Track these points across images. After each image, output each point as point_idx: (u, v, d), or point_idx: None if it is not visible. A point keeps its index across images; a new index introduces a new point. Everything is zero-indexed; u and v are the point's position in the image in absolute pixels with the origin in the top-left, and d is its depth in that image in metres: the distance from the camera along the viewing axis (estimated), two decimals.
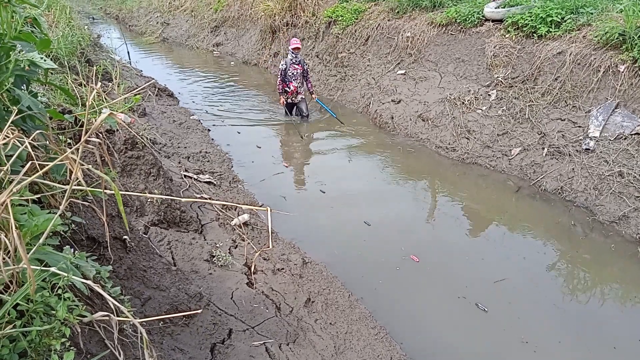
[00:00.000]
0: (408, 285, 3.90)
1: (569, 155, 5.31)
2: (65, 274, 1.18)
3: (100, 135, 2.93)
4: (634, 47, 5.06)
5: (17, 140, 1.31)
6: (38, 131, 1.29)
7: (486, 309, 3.59)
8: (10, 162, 1.19)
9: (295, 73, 7.67)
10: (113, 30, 18.65)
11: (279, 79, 7.71)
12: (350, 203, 5.31)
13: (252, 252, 3.84)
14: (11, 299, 1.11)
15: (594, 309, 3.66)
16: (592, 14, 5.83)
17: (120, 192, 1.67)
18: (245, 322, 2.89)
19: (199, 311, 2.32)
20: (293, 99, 7.88)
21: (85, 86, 4.32)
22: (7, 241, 1.07)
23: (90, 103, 1.20)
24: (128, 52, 11.82)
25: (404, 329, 3.41)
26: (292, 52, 7.62)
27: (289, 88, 7.75)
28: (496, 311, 3.58)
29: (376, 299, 3.71)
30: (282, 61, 7.76)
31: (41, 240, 1.17)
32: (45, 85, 2.21)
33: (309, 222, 4.81)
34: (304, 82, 7.87)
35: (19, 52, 1.27)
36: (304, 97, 7.97)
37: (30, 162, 1.12)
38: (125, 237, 2.39)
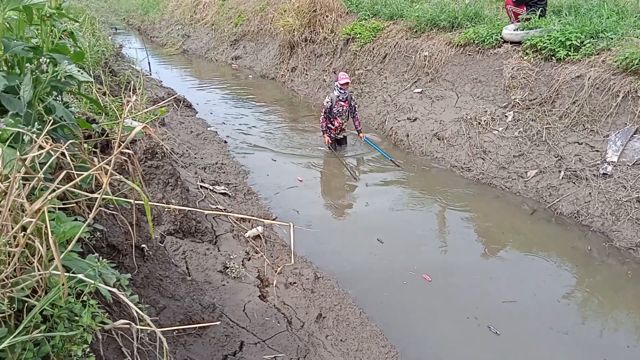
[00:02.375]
0: (419, 304, 3.87)
1: (586, 179, 5.26)
2: (92, 282, 1.21)
3: (126, 144, 3.00)
4: None
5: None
6: (70, 141, 1.34)
7: (498, 332, 3.54)
8: (44, 170, 1.23)
9: (341, 110, 7.05)
10: (135, 40, 19.04)
11: (323, 116, 7.06)
12: (363, 219, 5.31)
13: (265, 265, 3.86)
14: (39, 304, 1.14)
15: (609, 337, 3.59)
16: (612, 38, 5.82)
17: (140, 202, 1.71)
18: (257, 335, 2.90)
19: (216, 323, 2.34)
20: (337, 135, 7.29)
21: (108, 95, 4.42)
22: (40, 247, 1.11)
23: (125, 116, 1.24)
24: (149, 63, 12.05)
25: (415, 349, 3.38)
26: (340, 88, 6.93)
27: (333, 125, 7.16)
28: (509, 335, 3.53)
29: (387, 318, 3.69)
30: (327, 97, 7.11)
31: (70, 247, 1.20)
32: (75, 95, 2.28)
33: (321, 236, 4.81)
34: (352, 119, 7.25)
35: (60, 65, 1.33)
36: (347, 134, 7.45)
37: (64, 171, 1.16)
38: (143, 245, 2.43)
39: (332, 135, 7.23)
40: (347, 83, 6.97)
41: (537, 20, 6.61)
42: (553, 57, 6.20)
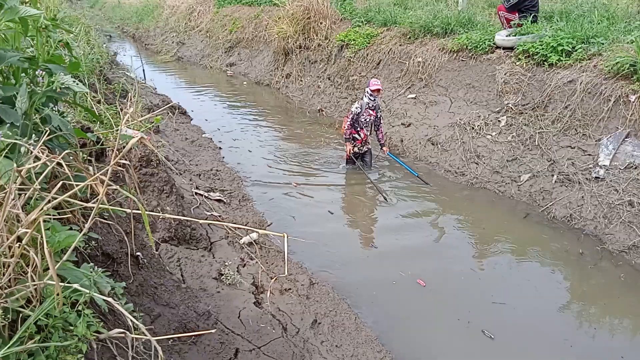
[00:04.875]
0: (414, 309, 3.88)
1: (579, 183, 5.31)
2: (87, 291, 1.22)
3: (123, 154, 3.01)
4: None
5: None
6: (67, 151, 1.35)
7: (492, 337, 3.56)
8: (40, 180, 1.24)
9: (368, 120, 6.58)
10: (129, 48, 19.05)
11: (348, 122, 6.53)
12: (358, 225, 5.33)
13: (260, 272, 3.86)
14: (34, 314, 1.15)
15: (602, 340, 3.61)
16: (602, 44, 5.89)
17: (136, 211, 1.72)
18: (252, 342, 2.90)
19: (212, 331, 2.34)
20: (360, 148, 6.78)
21: (103, 104, 4.43)
22: (35, 257, 1.12)
23: (121, 127, 1.26)
24: (144, 70, 12.06)
25: (409, 354, 3.39)
26: (371, 95, 6.41)
27: (359, 136, 6.65)
28: (503, 339, 3.55)
29: (381, 322, 3.70)
30: (355, 104, 6.63)
31: (65, 257, 1.21)
32: (70, 104, 2.28)
33: (317, 242, 4.82)
34: (376, 131, 6.75)
35: (56, 76, 1.34)
36: (370, 147, 6.92)
37: (60, 181, 1.17)
38: (138, 253, 2.43)
39: (356, 147, 6.75)
40: (379, 90, 6.45)
41: (529, 26, 6.69)
42: (545, 63, 6.26)
